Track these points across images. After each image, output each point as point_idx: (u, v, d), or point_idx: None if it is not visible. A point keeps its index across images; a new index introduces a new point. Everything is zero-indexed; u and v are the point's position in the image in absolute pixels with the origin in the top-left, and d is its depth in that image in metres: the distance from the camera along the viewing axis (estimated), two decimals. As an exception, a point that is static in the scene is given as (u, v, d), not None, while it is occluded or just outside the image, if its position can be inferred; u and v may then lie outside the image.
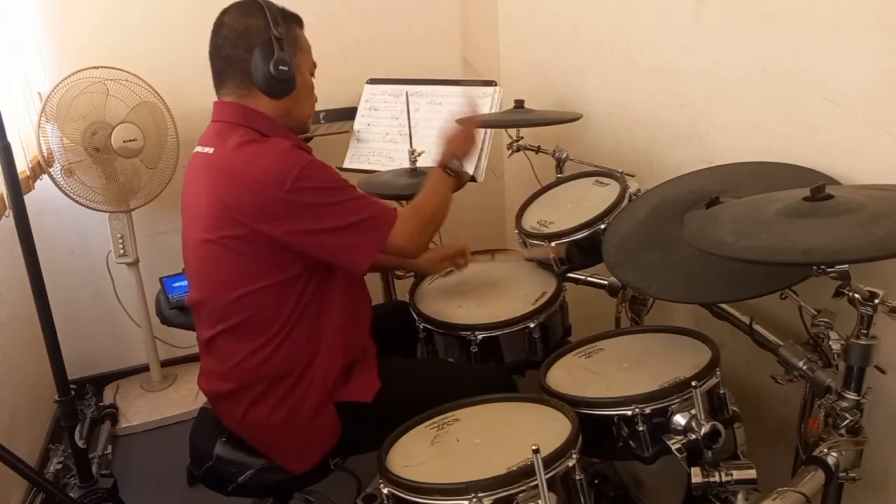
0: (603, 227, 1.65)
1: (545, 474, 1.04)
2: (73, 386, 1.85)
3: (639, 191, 1.73)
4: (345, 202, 1.38)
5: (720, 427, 1.19)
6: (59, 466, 2.14)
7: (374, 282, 1.96)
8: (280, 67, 1.38)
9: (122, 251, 2.52)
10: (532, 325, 1.65)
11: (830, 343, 1.20)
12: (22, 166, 2.14)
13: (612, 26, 2.16)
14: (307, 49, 1.50)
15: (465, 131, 1.67)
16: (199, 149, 1.47)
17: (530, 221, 1.86)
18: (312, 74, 1.53)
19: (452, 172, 1.60)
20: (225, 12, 1.43)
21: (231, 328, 1.43)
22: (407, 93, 2.26)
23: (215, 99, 1.47)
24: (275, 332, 1.41)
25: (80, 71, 2.26)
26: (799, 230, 1.00)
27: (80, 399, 2.57)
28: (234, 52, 1.40)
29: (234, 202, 1.35)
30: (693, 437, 1.20)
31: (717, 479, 1.19)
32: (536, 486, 1.05)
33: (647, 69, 2.01)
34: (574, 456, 1.15)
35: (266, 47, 1.38)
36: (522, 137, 2.25)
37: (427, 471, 1.19)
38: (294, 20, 1.47)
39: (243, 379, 1.45)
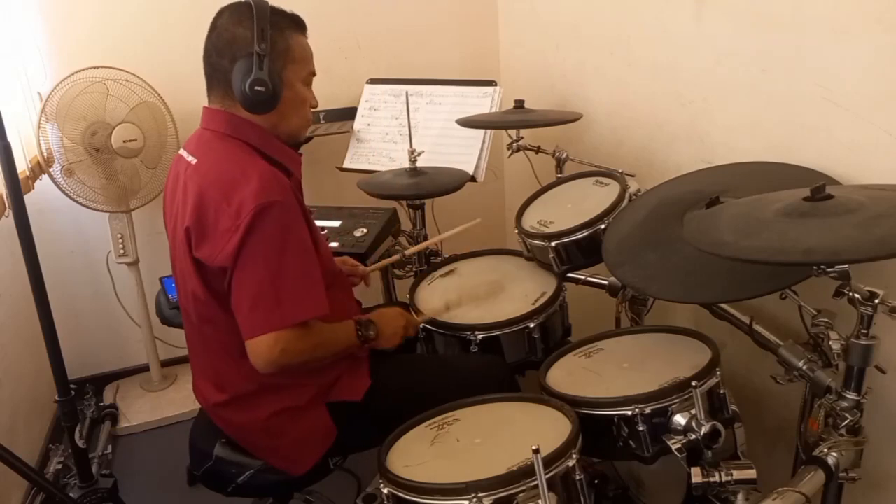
0: (603, 227, 1.65)
1: (545, 474, 1.04)
2: (73, 386, 1.85)
3: (639, 191, 1.73)
4: (276, 263, 1.28)
5: (720, 427, 1.19)
6: (59, 466, 2.14)
7: (374, 281, 1.96)
8: (256, 88, 1.31)
9: (122, 251, 2.52)
10: (532, 325, 1.65)
11: (830, 343, 1.21)
12: (22, 166, 2.14)
13: (612, 26, 2.16)
14: (302, 59, 1.41)
15: (401, 319, 1.56)
16: (183, 153, 1.43)
17: (530, 221, 1.86)
18: (309, 83, 1.45)
19: (363, 340, 1.46)
20: (220, 14, 1.38)
21: (215, 339, 1.43)
22: (407, 93, 2.26)
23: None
24: None
25: (79, 71, 2.26)
26: (799, 230, 0.99)
27: (80, 399, 2.56)
28: (220, 61, 1.35)
29: (197, 228, 1.31)
30: (693, 437, 1.20)
31: (717, 479, 1.19)
32: (536, 486, 1.05)
33: (647, 69, 2.01)
34: (574, 456, 1.15)
35: (246, 62, 1.31)
36: (522, 137, 2.25)
37: (427, 471, 1.19)
38: (292, 27, 1.39)
39: (232, 388, 1.44)
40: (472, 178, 2.29)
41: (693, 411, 1.22)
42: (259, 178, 1.29)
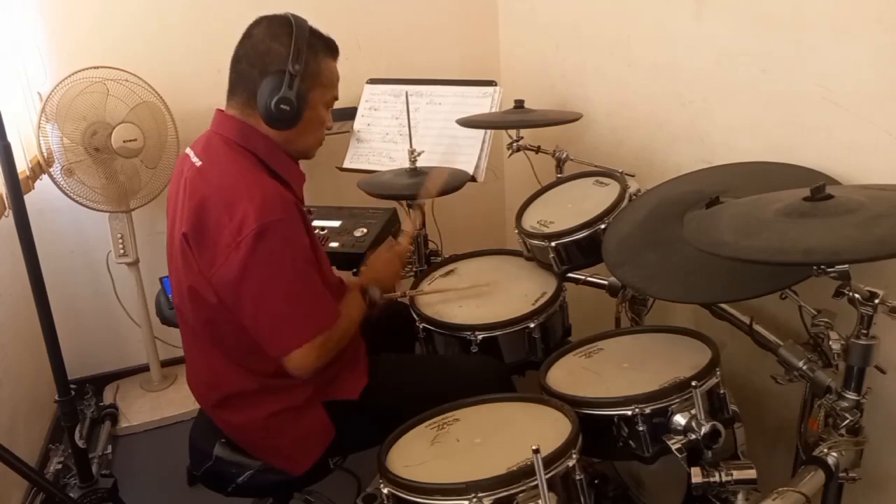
0: (603, 227, 1.65)
1: (545, 474, 1.04)
2: (73, 386, 1.85)
3: (639, 191, 1.73)
4: (287, 282, 1.31)
5: (720, 427, 1.19)
6: (59, 466, 2.14)
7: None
8: (281, 106, 1.32)
9: (122, 251, 2.52)
10: (532, 325, 1.65)
11: (830, 343, 1.20)
12: (22, 166, 2.14)
13: (612, 26, 2.16)
14: (330, 84, 1.43)
15: (390, 256, 1.67)
16: (189, 153, 1.43)
17: (530, 221, 1.86)
18: (330, 106, 1.47)
19: (372, 304, 1.54)
20: (257, 23, 1.38)
21: (214, 340, 1.43)
22: (407, 93, 2.26)
23: (223, 102, 1.44)
24: (255, 346, 1.37)
25: (79, 71, 2.26)
26: (799, 230, 0.99)
27: (80, 399, 2.56)
28: (250, 70, 1.36)
29: (195, 235, 1.31)
30: (693, 437, 1.20)
31: (717, 479, 1.19)
32: (536, 486, 1.05)
33: (647, 69, 2.01)
34: (574, 456, 1.15)
35: (277, 79, 1.32)
36: (522, 137, 2.25)
37: (427, 471, 1.19)
38: (325, 51, 1.40)
39: (230, 388, 1.44)
40: (472, 178, 2.29)
41: (693, 411, 1.22)
42: (262, 194, 1.29)
